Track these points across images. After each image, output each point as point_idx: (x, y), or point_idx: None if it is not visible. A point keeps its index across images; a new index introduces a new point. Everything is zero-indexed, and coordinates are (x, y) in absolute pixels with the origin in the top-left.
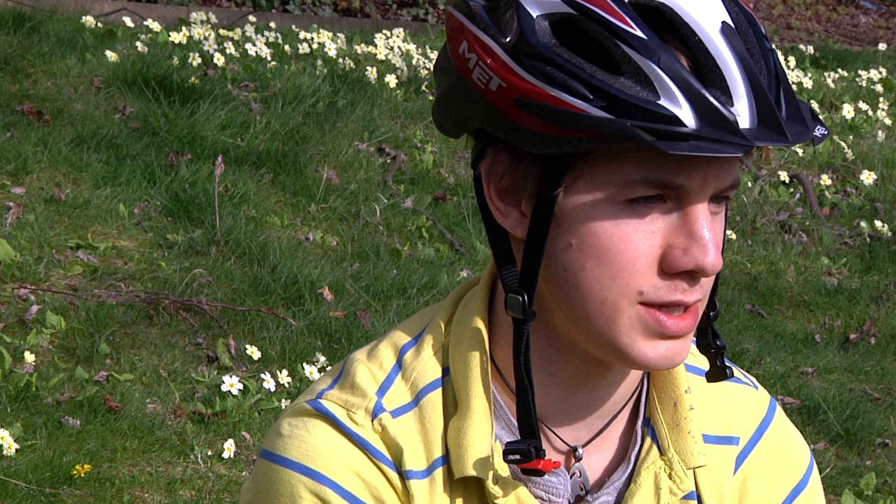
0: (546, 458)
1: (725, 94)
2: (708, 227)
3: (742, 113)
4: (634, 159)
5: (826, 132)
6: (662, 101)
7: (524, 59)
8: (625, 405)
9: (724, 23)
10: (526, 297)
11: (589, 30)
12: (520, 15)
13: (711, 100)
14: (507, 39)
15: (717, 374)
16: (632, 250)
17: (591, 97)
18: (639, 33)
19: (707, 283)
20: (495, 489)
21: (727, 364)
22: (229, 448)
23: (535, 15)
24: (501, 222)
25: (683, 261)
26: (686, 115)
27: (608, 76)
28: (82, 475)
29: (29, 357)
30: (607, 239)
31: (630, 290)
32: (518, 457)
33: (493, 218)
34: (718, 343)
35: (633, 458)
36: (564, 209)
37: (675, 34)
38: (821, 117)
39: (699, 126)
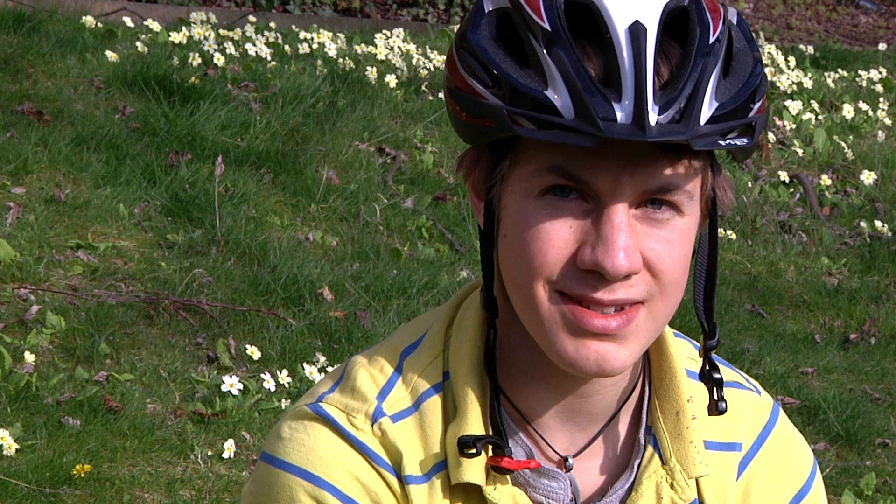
0: (513, 456)
1: (618, 92)
2: (618, 228)
3: (623, 110)
4: (547, 150)
5: (738, 144)
6: (547, 92)
7: (460, 51)
8: (620, 409)
9: (636, 22)
10: (486, 291)
11: (515, 23)
12: (475, 10)
13: (584, 93)
14: (459, 33)
15: (712, 408)
16: (544, 240)
17: (491, 84)
18: (545, 26)
19: (638, 287)
20: (493, 494)
21: (722, 398)
22: (229, 448)
23: (486, 10)
24: (477, 217)
25: (587, 257)
26: (563, 106)
27: (513, 67)
28: (82, 475)
29: (29, 357)
30: (525, 230)
31: (541, 277)
32: (473, 451)
33: None
34: (715, 377)
35: (635, 467)
36: (500, 202)
37: (597, 31)
38: (820, 117)
39: (572, 118)
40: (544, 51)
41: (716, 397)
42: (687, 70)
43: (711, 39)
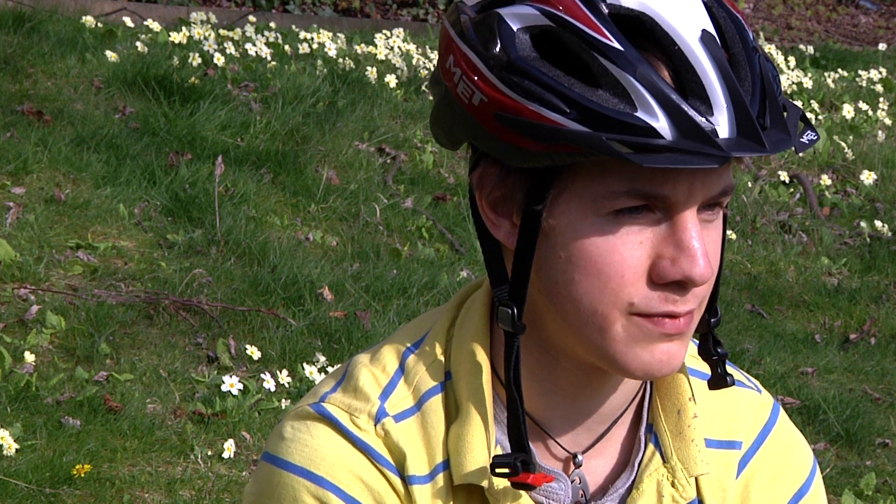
0: (538, 471)
1: (705, 104)
2: (697, 236)
3: (721, 123)
4: (617, 171)
5: (814, 138)
6: (639, 114)
7: (503, 74)
8: (626, 409)
9: (704, 31)
10: (515, 311)
11: (568, 42)
12: (501, 29)
13: (688, 111)
14: (489, 54)
15: (718, 381)
16: (619, 261)
17: (568, 110)
18: (616, 45)
19: (701, 290)
20: (495, 495)
21: (728, 372)
22: (229, 448)
23: (515, 28)
24: (494, 233)
25: (672, 271)
26: (663, 126)
27: (586, 89)
28: (82, 475)
29: (29, 357)
30: (595, 250)
31: (620, 302)
32: (507, 470)
33: (486, 228)
34: (720, 351)
35: (636, 465)
36: (552, 222)
37: (656, 44)
38: (820, 117)
39: (676, 137)
40: (623, 71)
41: (719, 372)
42: (749, 72)
43: (750, 33)
